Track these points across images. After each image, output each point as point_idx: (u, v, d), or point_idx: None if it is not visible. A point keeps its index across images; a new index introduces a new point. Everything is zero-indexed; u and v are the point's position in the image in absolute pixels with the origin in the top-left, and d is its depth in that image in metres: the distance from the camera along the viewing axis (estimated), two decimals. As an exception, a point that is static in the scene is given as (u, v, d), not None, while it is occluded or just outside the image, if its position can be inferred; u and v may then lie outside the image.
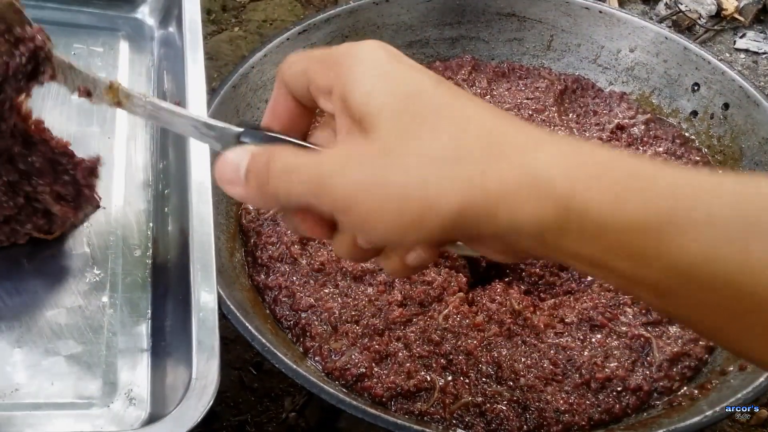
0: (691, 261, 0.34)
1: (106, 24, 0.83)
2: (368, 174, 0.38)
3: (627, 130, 0.96)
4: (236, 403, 0.87)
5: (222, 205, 0.81)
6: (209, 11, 1.35)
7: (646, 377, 0.73)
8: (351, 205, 0.38)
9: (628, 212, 0.35)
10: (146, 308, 0.62)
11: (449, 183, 0.36)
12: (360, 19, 1.01)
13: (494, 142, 0.37)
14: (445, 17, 1.06)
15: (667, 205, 0.35)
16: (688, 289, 0.35)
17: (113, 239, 0.67)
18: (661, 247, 0.35)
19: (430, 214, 0.37)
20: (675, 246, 0.34)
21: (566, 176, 0.36)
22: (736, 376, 0.72)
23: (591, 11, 1.03)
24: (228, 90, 0.87)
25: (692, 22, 1.43)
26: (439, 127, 0.38)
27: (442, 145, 0.37)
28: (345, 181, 0.38)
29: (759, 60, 1.39)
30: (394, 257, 0.44)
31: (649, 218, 0.35)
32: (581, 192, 0.36)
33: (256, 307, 0.77)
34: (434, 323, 0.76)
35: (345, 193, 0.38)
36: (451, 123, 0.38)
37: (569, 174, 0.36)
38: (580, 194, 0.35)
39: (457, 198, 0.36)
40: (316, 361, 0.73)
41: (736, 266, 0.34)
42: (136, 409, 0.55)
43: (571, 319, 0.77)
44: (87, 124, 0.73)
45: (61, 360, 0.57)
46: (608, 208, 0.35)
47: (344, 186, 0.38)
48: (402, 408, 0.70)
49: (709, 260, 0.34)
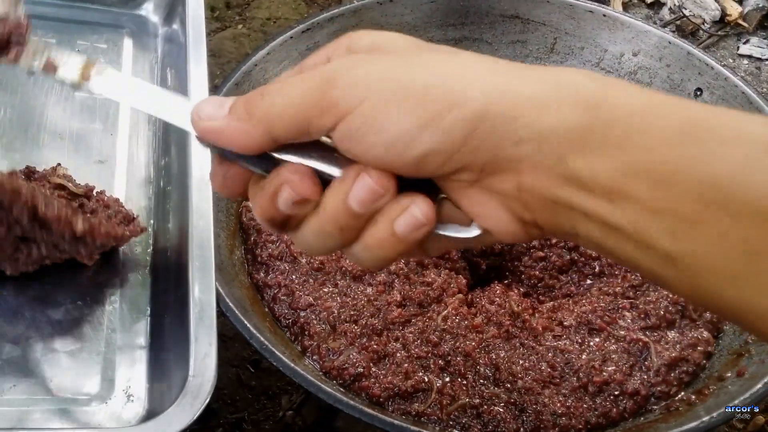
0: (719, 182, 0.32)
1: (110, 21, 0.83)
2: (388, 68, 0.35)
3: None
4: (233, 401, 0.87)
5: (222, 202, 0.82)
6: (213, 8, 1.35)
7: (643, 382, 0.73)
8: (363, 96, 0.35)
9: (656, 121, 0.33)
10: (146, 305, 0.62)
11: (474, 83, 0.34)
12: (363, 18, 1.01)
13: (515, 65, 0.36)
14: (449, 18, 1.06)
15: (696, 119, 0.33)
16: (712, 215, 0.32)
17: (114, 235, 0.67)
18: (688, 163, 0.32)
19: (450, 111, 0.34)
20: (703, 163, 0.32)
21: (597, 85, 0.34)
22: (734, 382, 0.72)
23: (595, 14, 1.03)
24: (231, 88, 0.87)
25: (696, 27, 1.43)
26: (454, 53, 0.37)
27: (466, 57, 0.36)
28: (361, 72, 0.35)
29: (762, 66, 1.39)
30: (382, 221, 0.37)
31: (679, 129, 0.33)
32: (612, 97, 0.34)
33: (255, 305, 0.77)
34: (433, 324, 0.76)
35: (359, 83, 0.35)
36: (466, 53, 0.37)
37: (600, 84, 0.35)
38: (611, 99, 0.34)
39: (483, 95, 0.34)
40: (314, 360, 0.73)
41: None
42: (134, 405, 0.55)
43: (570, 322, 0.77)
44: (90, 121, 0.73)
45: (60, 356, 0.57)
46: (638, 114, 0.33)
47: (359, 76, 0.35)
48: (399, 408, 0.70)
49: (738, 182, 0.31)
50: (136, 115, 0.75)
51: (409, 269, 0.79)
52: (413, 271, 0.80)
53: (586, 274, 0.84)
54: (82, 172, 0.68)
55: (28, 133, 0.71)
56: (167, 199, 0.70)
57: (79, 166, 0.70)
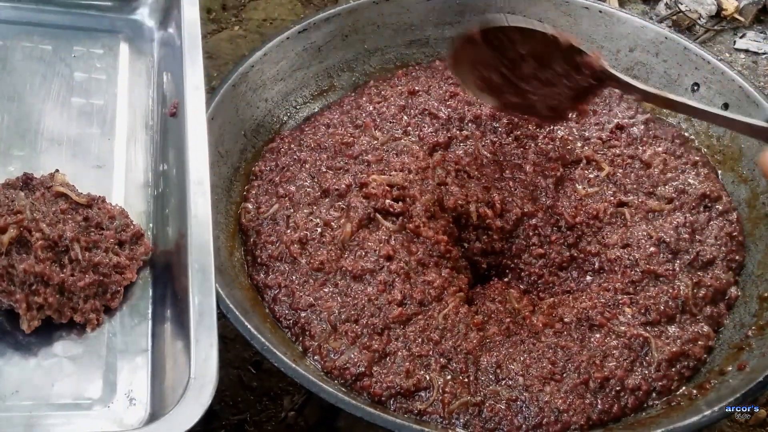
0: None
1: (107, 26, 0.83)
2: None
3: (626, 130, 0.96)
4: (235, 402, 0.87)
5: (221, 204, 0.82)
6: (209, 10, 1.35)
7: (644, 377, 0.73)
8: None
9: None
10: (146, 309, 0.62)
11: None
12: (360, 18, 1.01)
13: None
14: (446, 16, 1.06)
15: None
16: None
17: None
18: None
19: None
20: None
21: None
22: (735, 376, 0.72)
23: (591, 11, 1.03)
24: (228, 89, 0.87)
25: (692, 22, 1.43)
26: None
27: None
28: None
29: (759, 60, 1.39)
30: None
31: None
32: None
33: (256, 306, 0.77)
34: (434, 323, 0.76)
35: None
36: None
37: None
38: None
39: None
40: (315, 360, 0.73)
41: None
42: (136, 409, 0.55)
43: (570, 319, 0.77)
44: (87, 126, 0.73)
45: (62, 361, 0.57)
46: None
47: None
48: (401, 407, 0.70)
49: None
50: (133, 119, 0.75)
51: (410, 268, 0.79)
52: (414, 270, 0.80)
53: (585, 271, 0.84)
54: (81, 178, 0.68)
55: (26, 139, 0.72)
56: (166, 203, 0.70)
57: (78, 171, 0.70)
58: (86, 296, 0.59)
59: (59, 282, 0.58)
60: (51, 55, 0.77)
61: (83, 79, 0.76)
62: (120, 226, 0.64)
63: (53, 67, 0.76)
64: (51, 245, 0.59)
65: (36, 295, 0.57)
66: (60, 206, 0.62)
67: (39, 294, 0.57)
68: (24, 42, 0.77)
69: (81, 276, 0.59)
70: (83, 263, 0.60)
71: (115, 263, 0.61)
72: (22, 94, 0.73)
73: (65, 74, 0.76)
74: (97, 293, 0.60)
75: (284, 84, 0.95)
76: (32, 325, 0.58)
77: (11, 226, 0.57)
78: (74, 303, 0.59)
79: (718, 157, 0.94)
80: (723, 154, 0.94)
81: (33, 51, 0.76)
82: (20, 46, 0.77)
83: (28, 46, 0.76)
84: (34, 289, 0.57)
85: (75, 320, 0.59)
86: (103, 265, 0.60)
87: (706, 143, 0.95)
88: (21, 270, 0.57)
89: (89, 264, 0.60)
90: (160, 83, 0.78)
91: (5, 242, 0.57)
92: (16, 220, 0.58)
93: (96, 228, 0.63)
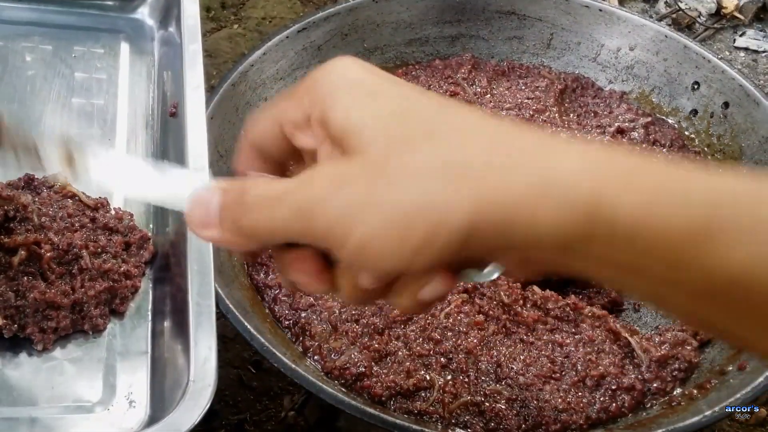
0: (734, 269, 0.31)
1: (107, 25, 0.83)
2: (362, 194, 0.33)
3: (627, 134, 0.96)
4: (235, 402, 0.87)
5: (222, 204, 0.81)
6: (208, 8, 1.34)
7: (637, 377, 0.73)
8: (347, 232, 0.33)
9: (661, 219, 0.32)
10: (146, 310, 0.62)
11: (456, 195, 0.32)
12: (359, 17, 1.01)
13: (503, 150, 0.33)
14: (445, 15, 1.06)
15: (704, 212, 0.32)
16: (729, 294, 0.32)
17: (113, 240, 0.67)
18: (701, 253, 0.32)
19: (439, 232, 0.33)
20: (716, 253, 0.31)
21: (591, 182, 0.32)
22: (735, 376, 0.72)
23: (591, 9, 1.03)
24: (227, 88, 0.87)
25: (692, 20, 1.43)
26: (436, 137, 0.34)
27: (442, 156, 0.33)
28: (337, 204, 0.34)
29: (759, 58, 1.39)
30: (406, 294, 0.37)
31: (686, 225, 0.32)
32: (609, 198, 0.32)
33: (256, 305, 0.77)
34: (435, 322, 0.76)
35: (339, 220, 0.34)
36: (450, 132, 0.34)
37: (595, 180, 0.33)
38: (608, 200, 0.32)
39: (468, 210, 0.32)
40: (315, 360, 0.73)
41: None
42: (136, 411, 0.55)
43: (556, 313, 0.77)
44: (87, 127, 0.73)
45: (62, 363, 0.57)
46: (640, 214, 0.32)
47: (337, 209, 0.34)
48: (401, 407, 0.71)
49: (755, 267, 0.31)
50: (134, 119, 0.75)
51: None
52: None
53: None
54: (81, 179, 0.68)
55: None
56: (166, 203, 0.70)
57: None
58: (96, 303, 0.59)
59: (71, 303, 0.58)
60: (51, 55, 0.77)
61: (84, 79, 0.76)
62: (127, 229, 0.63)
63: (54, 67, 0.76)
64: (61, 254, 0.59)
65: (48, 320, 0.57)
66: (67, 210, 0.62)
67: (52, 319, 0.57)
68: (24, 42, 0.77)
69: (91, 284, 0.59)
70: (93, 272, 0.59)
71: (125, 271, 0.61)
72: (22, 95, 0.73)
73: (66, 74, 0.76)
74: (106, 300, 0.60)
75: (284, 83, 0.95)
76: (47, 346, 0.58)
77: (21, 248, 0.57)
78: (85, 312, 0.59)
79: (719, 156, 0.94)
80: (723, 152, 0.94)
81: (33, 51, 0.76)
82: (20, 47, 0.77)
83: (28, 46, 0.76)
84: (45, 313, 0.57)
85: (83, 329, 0.59)
86: (113, 272, 0.60)
87: (706, 142, 0.95)
88: (31, 299, 0.56)
89: (99, 271, 0.60)
90: (160, 82, 0.78)
91: (15, 264, 0.57)
92: (25, 241, 0.57)
93: (103, 230, 0.62)
